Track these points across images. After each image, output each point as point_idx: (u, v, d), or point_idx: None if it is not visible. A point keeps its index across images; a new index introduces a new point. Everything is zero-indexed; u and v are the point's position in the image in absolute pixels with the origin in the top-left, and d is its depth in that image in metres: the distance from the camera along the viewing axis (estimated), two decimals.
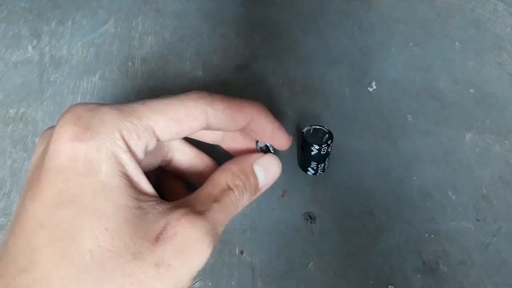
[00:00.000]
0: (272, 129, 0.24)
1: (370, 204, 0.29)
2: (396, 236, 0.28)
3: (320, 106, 0.34)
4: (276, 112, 0.33)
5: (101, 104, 0.20)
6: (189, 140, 0.27)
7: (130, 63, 0.36)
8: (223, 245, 0.28)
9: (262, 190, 0.25)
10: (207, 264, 0.26)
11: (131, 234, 0.18)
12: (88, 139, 0.18)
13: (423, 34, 0.38)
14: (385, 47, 0.37)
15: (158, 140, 0.21)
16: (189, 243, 0.19)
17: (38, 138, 0.32)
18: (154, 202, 0.20)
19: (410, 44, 0.37)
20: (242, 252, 0.28)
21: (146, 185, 0.20)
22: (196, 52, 0.37)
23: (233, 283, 0.27)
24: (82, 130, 0.19)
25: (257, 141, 0.26)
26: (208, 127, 0.22)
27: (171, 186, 0.26)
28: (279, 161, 0.25)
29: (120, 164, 0.19)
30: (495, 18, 0.39)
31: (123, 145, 0.19)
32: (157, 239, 0.18)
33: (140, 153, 0.20)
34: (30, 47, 0.36)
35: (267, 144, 0.26)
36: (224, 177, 0.23)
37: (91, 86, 0.34)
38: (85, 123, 0.19)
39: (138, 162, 0.20)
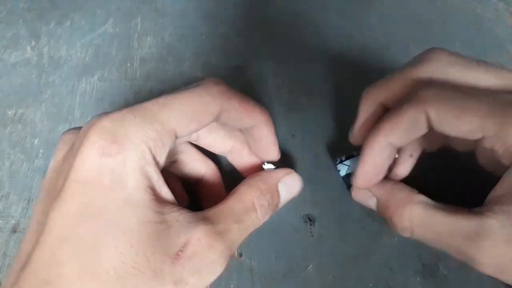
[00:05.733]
0: (268, 141, 0.24)
1: None
2: (396, 239, 0.28)
3: (320, 106, 0.33)
4: (276, 112, 0.33)
5: (125, 111, 0.20)
6: (194, 145, 0.27)
7: (129, 64, 0.36)
8: None
9: (280, 206, 0.24)
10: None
11: (154, 250, 0.18)
12: (115, 154, 0.18)
13: (423, 34, 0.38)
14: (385, 48, 0.37)
15: (177, 138, 0.21)
16: (205, 263, 0.19)
17: (36, 139, 0.31)
18: (177, 213, 0.20)
19: (410, 44, 0.37)
20: (241, 255, 0.28)
21: (167, 194, 0.20)
22: (195, 52, 0.36)
23: (232, 286, 0.26)
24: (109, 144, 0.18)
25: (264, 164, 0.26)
26: (217, 120, 0.22)
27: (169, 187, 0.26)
28: (301, 179, 0.25)
29: (146, 177, 0.19)
30: (495, 18, 0.38)
31: (149, 158, 0.19)
32: (177, 256, 0.18)
33: (162, 160, 0.20)
34: (28, 48, 0.36)
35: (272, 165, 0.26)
36: (250, 194, 0.22)
37: (89, 87, 0.34)
38: (111, 136, 0.19)
39: (161, 170, 0.20)
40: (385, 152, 0.23)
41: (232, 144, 0.26)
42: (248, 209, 0.22)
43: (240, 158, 0.27)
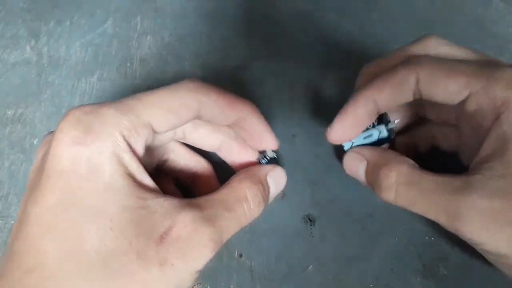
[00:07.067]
0: (261, 130, 0.24)
1: (370, 207, 0.29)
2: (396, 239, 0.28)
3: (320, 107, 0.33)
4: (276, 112, 0.33)
5: (99, 104, 0.20)
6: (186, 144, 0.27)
7: (128, 64, 0.36)
8: (222, 248, 0.28)
9: (270, 201, 0.25)
10: (206, 267, 0.26)
11: (136, 234, 0.18)
12: (89, 143, 0.19)
13: (423, 34, 0.38)
14: (385, 48, 0.37)
15: (155, 132, 0.21)
16: (191, 246, 0.19)
17: (35, 139, 0.31)
18: (162, 199, 0.20)
19: None
20: (241, 255, 0.27)
21: (150, 182, 0.20)
22: (195, 52, 0.36)
23: (232, 286, 0.26)
24: (83, 134, 0.19)
25: (259, 152, 0.26)
26: (199, 117, 0.22)
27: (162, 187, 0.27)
28: (285, 173, 0.26)
29: (122, 165, 0.19)
30: (496, 18, 0.38)
31: (124, 145, 0.19)
32: (162, 238, 0.18)
33: (140, 150, 0.21)
34: (28, 48, 0.36)
35: (270, 155, 0.26)
36: (243, 185, 0.22)
37: (89, 86, 0.34)
38: (85, 126, 0.19)
39: (139, 159, 0.20)
40: (368, 107, 0.23)
41: (221, 140, 0.26)
42: (240, 199, 0.22)
43: (231, 154, 0.27)
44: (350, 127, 0.24)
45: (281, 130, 0.32)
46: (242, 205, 0.22)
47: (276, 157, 0.26)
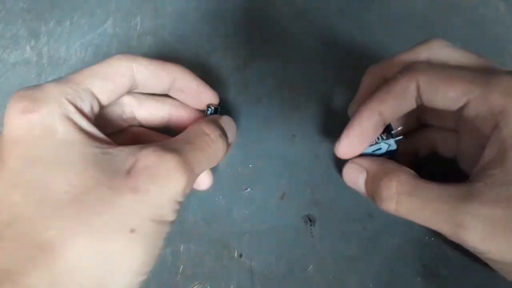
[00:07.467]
0: (197, 85, 0.26)
1: (370, 207, 0.29)
2: (396, 239, 0.28)
3: (320, 107, 0.33)
4: (276, 112, 0.33)
5: (40, 84, 0.21)
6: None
7: None
8: (221, 248, 0.28)
9: (230, 147, 0.26)
10: (206, 267, 0.26)
11: (103, 173, 0.19)
12: (38, 109, 0.20)
13: (423, 34, 0.38)
14: (385, 48, 0.37)
15: (100, 103, 0.23)
16: (161, 172, 0.19)
17: None
18: (121, 147, 0.21)
19: (411, 44, 0.37)
20: (241, 255, 0.27)
21: (106, 138, 0.21)
22: (195, 52, 0.36)
23: (232, 286, 0.26)
24: (30, 104, 0.20)
25: (207, 106, 0.27)
26: (135, 85, 0.24)
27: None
28: (234, 121, 0.27)
29: (74, 123, 0.20)
30: (496, 18, 0.38)
31: (72, 108, 0.21)
32: (129, 172, 0.19)
33: (88, 113, 0.22)
34: (28, 48, 0.36)
35: (215, 107, 0.27)
36: (198, 124, 0.23)
37: None
38: (31, 97, 0.20)
39: (90, 121, 0.21)
40: (373, 120, 0.23)
41: (168, 110, 0.27)
42: (199, 134, 0.23)
43: (182, 122, 0.27)
44: (358, 141, 0.24)
45: (281, 130, 0.32)
46: (203, 138, 0.22)
47: (218, 108, 0.27)
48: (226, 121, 0.26)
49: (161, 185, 0.19)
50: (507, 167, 0.19)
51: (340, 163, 0.31)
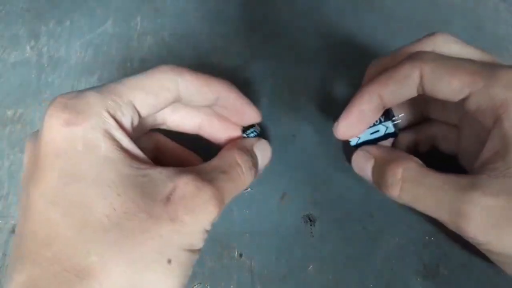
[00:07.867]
0: (241, 104, 0.25)
1: (370, 206, 0.29)
2: (397, 239, 0.28)
3: (320, 106, 0.33)
4: (276, 112, 0.33)
5: (81, 90, 0.21)
6: (167, 134, 0.27)
7: (128, 64, 0.36)
8: (222, 248, 0.28)
9: (259, 172, 0.26)
10: (206, 267, 0.26)
11: (142, 197, 0.19)
12: (81, 122, 0.19)
13: (423, 34, 0.38)
14: (385, 47, 0.37)
15: (139, 115, 0.22)
16: (197, 203, 0.19)
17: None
18: (159, 169, 0.20)
19: None
20: (241, 255, 0.27)
21: (144, 157, 0.21)
22: (195, 52, 0.36)
23: (232, 286, 0.26)
24: (73, 116, 0.19)
25: (243, 128, 0.27)
26: (179, 99, 0.23)
27: (169, 150, 0.27)
28: (270, 145, 0.27)
29: (115, 140, 0.20)
30: (496, 18, 0.38)
31: (113, 123, 0.20)
32: (168, 199, 0.19)
33: (129, 128, 0.21)
34: (28, 48, 0.36)
35: (254, 130, 0.27)
36: (233, 153, 0.23)
37: (89, 86, 0.34)
38: (73, 109, 0.19)
39: (130, 137, 0.21)
40: (373, 102, 0.24)
41: (201, 118, 0.27)
42: (232, 163, 0.23)
43: (213, 130, 0.27)
44: (356, 123, 0.25)
45: (281, 130, 0.32)
46: (235, 168, 0.23)
47: (259, 131, 0.27)
48: (261, 147, 0.26)
49: (196, 216, 0.19)
50: (509, 160, 0.19)
51: (340, 163, 0.31)
